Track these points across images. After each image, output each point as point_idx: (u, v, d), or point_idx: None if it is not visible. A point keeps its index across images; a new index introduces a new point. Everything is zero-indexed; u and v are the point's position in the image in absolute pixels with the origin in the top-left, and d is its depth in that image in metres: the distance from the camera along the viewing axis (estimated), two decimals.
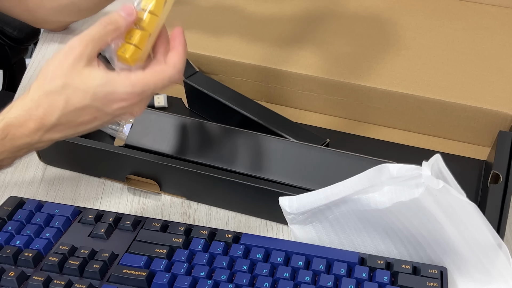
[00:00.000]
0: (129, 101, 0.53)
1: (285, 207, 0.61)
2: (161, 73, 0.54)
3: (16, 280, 0.57)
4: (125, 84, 0.53)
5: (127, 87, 0.53)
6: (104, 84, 0.52)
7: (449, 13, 0.86)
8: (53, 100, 0.52)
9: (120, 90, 0.53)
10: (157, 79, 0.54)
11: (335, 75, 0.77)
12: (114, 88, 0.52)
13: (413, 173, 0.52)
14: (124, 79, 0.53)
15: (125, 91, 0.53)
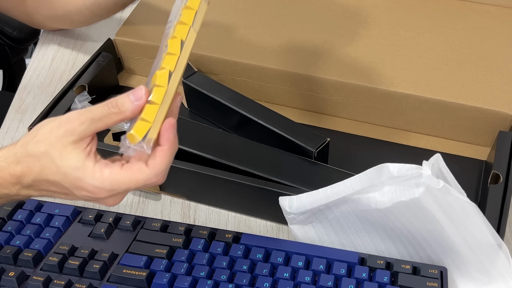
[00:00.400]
0: (96, 195, 0.51)
1: (285, 207, 0.61)
2: (137, 174, 0.50)
3: (16, 280, 0.57)
4: (95, 177, 0.50)
5: (95, 181, 0.50)
6: (76, 169, 0.50)
7: (449, 13, 0.86)
8: (32, 162, 0.51)
9: (88, 181, 0.50)
10: (131, 180, 0.50)
11: (335, 75, 0.77)
12: (83, 176, 0.50)
13: (413, 173, 0.52)
14: (96, 172, 0.50)
15: (92, 183, 0.50)
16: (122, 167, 0.50)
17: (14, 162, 0.52)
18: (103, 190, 0.50)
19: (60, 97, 0.76)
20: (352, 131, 0.79)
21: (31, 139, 0.51)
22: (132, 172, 0.50)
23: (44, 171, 0.51)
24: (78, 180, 0.50)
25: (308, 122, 0.80)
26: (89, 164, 0.50)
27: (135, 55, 0.86)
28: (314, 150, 0.68)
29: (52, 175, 0.51)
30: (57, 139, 0.50)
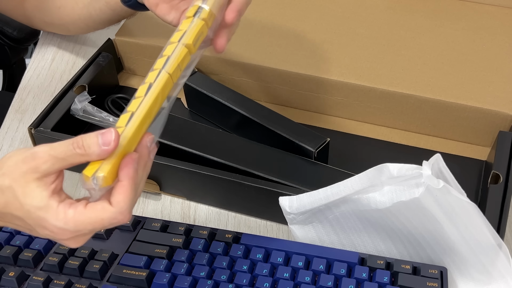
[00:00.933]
0: (59, 236, 0.49)
1: (285, 207, 0.61)
2: (101, 213, 0.48)
3: (16, 280, 0.57)
4: (58, 218, 0.48)
5: (59, 222, 0.48)
6: (39, 208, 0.48)
7: (449, 13, 0.86)
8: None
9: (51, 222, 0.48)
10: (95, 220, 0.48)
11: (335, 75, 0.77)
12: (46, 217, 0.48)
13: (413, 173, 0.52)
14: (59, 213, 0.48)
15: (55, 225, 0.48)
16: (86, 207, 0.49)
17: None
18: (66, 231, 0.49)
19: (60, 97, 0.76)
20: (352, 131, 0.79)
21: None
22: (96, 212, 0.48)
23: (8, 205, 0.50)
24: (41, 219, 0.49)
25: (308, 122, 0.80)
26: (52, 204, 0.49)
27: (135, 55, 0.86)
28: (314, 150, 0.68)
29: (16, 210, 0.50)
30: (21, 175, 0.49)
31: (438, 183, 0.52)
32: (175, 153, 0.70)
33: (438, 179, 0.52)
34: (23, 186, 0.49)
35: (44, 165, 0.48)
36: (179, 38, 0.55)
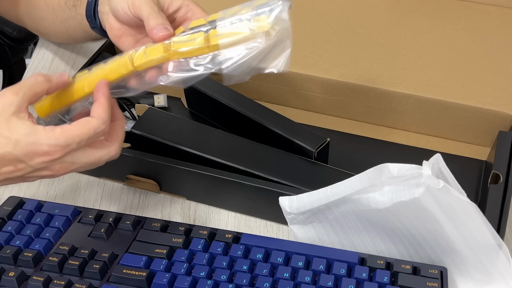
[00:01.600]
0: (52, 155, 0.53)
1: (285, 207, 0.61)
2: (86, 124, 0.54)
3: (16, 280, 0.57)
4: (49, 136, 0.52)
5: (50, 139, 0.52)
6: (28, 134, 0.52)
7: (449, 13, 0.86)
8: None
9: (43, 141, 0.52)
10: (82, 131, 0.53)
11: (335, 75, 0.77)
12: (37, 139, 0.52)
13: (413, 173, 0.52)
14: (48, 131, 0.53)
15: (47, 142, 0.52)
16: (71, 124, 0.54)
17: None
18: (59, 147, 0.53)
19: None
20: (352, 131, 0.79)
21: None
22: (81, 124, 0.54)
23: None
24: (32, 144, 0.52)
25: (308, 122, 0.80)
26: (39, 128, 0.53)
27: None
28: (314, 150, 0.68)
29: (2, 147, 0.52)
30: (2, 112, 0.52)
31: (438, 183, 0.52)
32: (175, 153, 0.70)
33: (438, 179, 0.52)
34: (5, 123, 0.52)
35: (16, 97, 0.53)
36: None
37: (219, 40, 0.54)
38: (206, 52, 0.55)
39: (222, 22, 0.55)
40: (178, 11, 0.63)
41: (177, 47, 0.56)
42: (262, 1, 0.55)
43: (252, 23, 0.54)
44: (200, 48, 0.55)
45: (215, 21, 0.56)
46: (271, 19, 0.54)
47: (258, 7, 0.55)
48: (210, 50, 0.55)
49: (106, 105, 0.55)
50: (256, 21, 0.54)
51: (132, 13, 0.61)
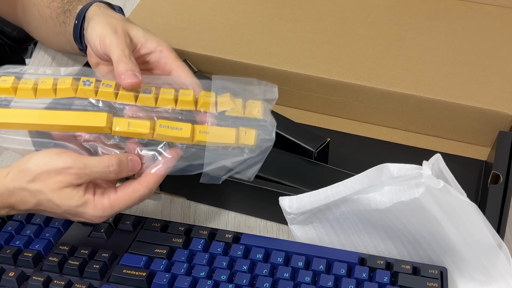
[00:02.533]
0: (97, 220, 0.56)
1: (285, 207, 0.61)
2: (133, 194, 0.55)
3: (16, 280, 0.57)
4: (97, 209, 0.55)
5: (97, 211, 0.55)
6: (78, 206, 0.54)
7: (449, 13, 0.86)
8: (27, 196, 0.54)
9: (90, 213, 0.55)
10: (129, 202, 0.55)
11: (335, 75, 0.77)
12: (86, 211, 0.55)
13: (413, 173, 0.52)
14: (97, 204, 0.55)
15: (95, 215, 0.55)
16: (117, 191, 0.55)
17: (6, 194, 0.55)
18: (104, 217, 0.56)
19: None
20: (352, 131, 0.79)
21: (25, 176, 0.54)
22: (128, 194, 0.55)
23: (41, 205, 0.55)
24: (80, 213, 0.55)
25: (308, 122, 0.80)
26: (89, 199, 0.55)
27: None
28: (314, 150, 0.68)
29: (51, 209, 0.55)
30: (54, 183, 0.53)
31: (438, 183, 0.52)
32: None
33: (438, 179, 0.52)
34: (57, 192, 0.54)
35: (77, 180, 0.54)
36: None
37: (206, 139, 0.56)
38: (190, 143, 0.57)
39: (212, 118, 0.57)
40: (151, 54, 0.62)
41: (162, 131, 0.56)
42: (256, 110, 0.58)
43: (240, 133, 0.57)
44: (185, 138, 0.56)
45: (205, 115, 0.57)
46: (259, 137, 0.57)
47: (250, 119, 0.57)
48: (194, 143, 0.57)
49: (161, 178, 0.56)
50: (244, 132, 0.57)
51: (102, 50, 0.60)
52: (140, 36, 0.62)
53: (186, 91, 0.58)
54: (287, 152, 0.69)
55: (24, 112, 0.56)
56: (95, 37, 0.61)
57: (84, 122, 0.56)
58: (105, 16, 0.63)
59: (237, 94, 0.59)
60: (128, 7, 0.99)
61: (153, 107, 0.57)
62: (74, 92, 0.57)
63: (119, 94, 0.57)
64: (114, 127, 0.56)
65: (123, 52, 0.58)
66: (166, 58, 0.62)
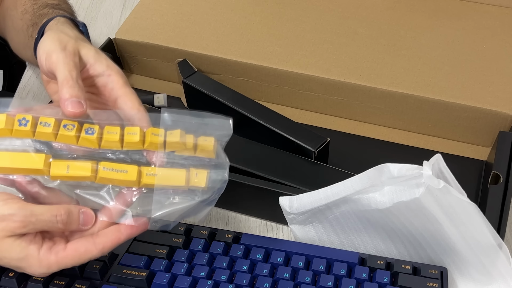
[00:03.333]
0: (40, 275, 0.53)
1: (285, 207, 0.61)
2: (84, 255, 0.51)
3: (16, 280, 0.57)
4: (41, 265, 0.50)
5: (42, 268, 0.51)
6: (20, 260, 0.50)
7: (449, 13, 0.86)
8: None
9: (34, 269, 0.51)
10: (76, 260, 0.51)
11: (335, 75, 0.77)
12: (29, 265, 0.51)
13: (413, 173, 0.52)
14: (42, 260, 0.50)
15: (39, 271, 0.51)
16: (67, 249, 0.51)
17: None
18: (48, 273, 0.52)
19: None
20: (352, 131, 0.79)
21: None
22: (79, 254, 0.51)
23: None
24: (22, 268, 0.51)
25: (308, 122, 0.80)
26: (33, 253, 0.50)
27: (135, 55, 0.86)
28: (314, 150, 0.68)
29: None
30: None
31: (438, 183, 0.52)
32: None
33: (439, 179, 0.52)
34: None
35: (20, 230, 0.49)
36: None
37: (154, 182, 0.53)
38: (137, 186, 0.53)
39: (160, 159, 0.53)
40: (98, 78, 0.57)
41: (106, 175, 0.52)
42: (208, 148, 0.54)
43: (191, 174, 0.53)
44: (131, 182, 0.53)
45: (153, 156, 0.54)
46: (211, 178, 0.54)
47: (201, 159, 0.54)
48: (140, 186, 0.53)
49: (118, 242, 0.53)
50: (195, 173, 0.54)
51: (47, 67, 0.56)
52: (90, 56, 0.57)
53: (132, 129, 0.54)
54: (287, 152, 0.69)
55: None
56: (42, 53, 0.56)
57: (20, 164, 0.52)
58: (58, 32, 0.59)
59: (188, 129, 0.55)
60: (128, 6, 0.99)
61: (97, 148, 0.53)
62: (10, 133, 0.52)
63: (58, 135, 0.52)
64: (53, 170, 0.52)
65: (69, 73, 0.54)
66: (114, 84, 0.57)
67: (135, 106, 0.56)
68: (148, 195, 0.53)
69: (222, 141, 0.56)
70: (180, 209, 0.54)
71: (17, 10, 0.73)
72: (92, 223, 0.53)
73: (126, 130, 0.54)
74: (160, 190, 0.53)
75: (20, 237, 0.50)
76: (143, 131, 0.54)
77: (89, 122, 0.54)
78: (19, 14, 0.72)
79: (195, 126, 0.55)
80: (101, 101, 0.59)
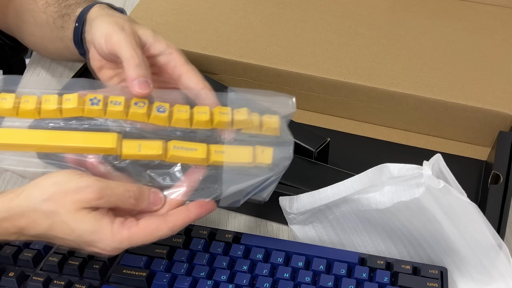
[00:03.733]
0: (111, 252, 0.51)
1: (285, 207, 0.61)
2: (155, 233, 0.51)
3: (16, 280, 0.57)
4: (114, 239, 0.50)
5: (114, 242, 0.50)
6: (93, 232, 0.50)
7: (449, 13, 0.86)
8: (39, 218, 0.50)
9: (105, 243, 0.50)
10: (149, 238, 0.51)
11: (335, 75, 0.77)
12: (101, 239, 0.50)
13: (413, 173, 0.52)
14: (114, 234, 0.50)
15: (110, 245, 0.50)
16: (139, 225, 0.51)
17: (17, 214, 0.50)
18: (119, 250, 0.51)
19: None
20: (352, 131, 0.79)
21: (40, 194, 0.50)
22: (149, 231, 0.51)
23: (54, 229, 0.50)
24: (94, 242, 0.50)
25: (308, 122, 0.80)
26: (106, 226, 0.50)
27: None
28: (314, 150, 0.68)
29: (64, 234, 0.50)
30: (71, 203, 0.49)
31: (438, 183, 0.52)
32: None
33: (439, 179, 0.52)
34: (73, 213, 0.49)
35: (96, 201, 0.49)
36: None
37: (222, 159, 0.54)
38: (205, 164, 0.54)
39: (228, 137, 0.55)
40: (159, 57, 0.58)
41: (176, 153, 0.53)
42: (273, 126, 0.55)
43: (257, 151, 0.54)
44: (201, 159, 0.53)
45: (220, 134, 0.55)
46: (276, 155, 0.55)
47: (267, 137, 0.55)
48: (209, 164, 0.54)
49: (189, 222, 0.52)
50: (261, 150, 0.54)
51: (108, 49, 0.57)
52: (149, 36, 0.58)
53: (202, 108, 0.55)
54: None
55: (29, 133, 0.53)
56: (100, 36, 0.57)
57: (92, 143, 0.52)
58: (110, 16, 0.60)
59: (253, 108, 0.56)
60: (128, 6, 0.99)
61: (166, 126, 0.54)
62: (82, 112, 0.53)
63: (130, 113, 0.53)
64: (124, 149, 0.52)
65: (134, 51, 0.55)
66: (176, 61, 0.58)
67: (200, 82, 0.57)
68: (216, 172, 0.54)
69: (286, 119, 0.57)
70: (247, 187, 0.54)
71: (37, 4, 0.74)
72: (161, 203, 0.53)
73: (195, 109, 0.55)
74: (228, 168, 0.54)
75: (94, 210, 0.50)
76: (212, 110, 0.55)
77: (160, 100, 0.55)
78: (40, 7, 0.73)
79: (260, 105, 0.56)
80: (162, 80, 0.60)
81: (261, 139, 0.55)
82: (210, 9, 0.87)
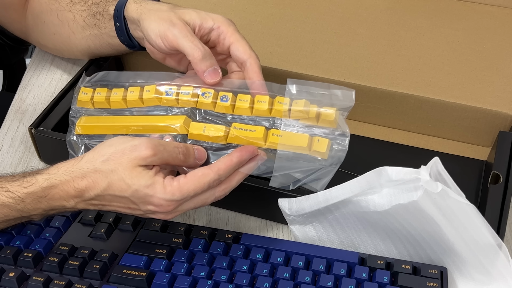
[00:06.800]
0: (165, 208, 0.54)
1: (285, 209, 0.61)
2: (202, 178, 0.54)
3: (16, 280, 0.57)
4: (166, 191, 0.54)
5: (167, 194, 0.54)
6: (147, 186, 0.53)
7: (449, 13, 0.86)
8: (98, 178, 0.54)
9: (159, 196, 0.54)
10: (198, 185, 0.54)
11: (335, 75, 0.77)
12: (155, 192, 0.54)
13: (411, 178, 0.52)
14: (166, 186, 0.54)
15: (164, 197, 0.54)
16: (187, 176, 0.55)
17: (79, 177, 0.54)
18: (173, 201, 0.54)
19: (60, 97, 0.76)
20: (352, 131, 0.78)
21: (99, 157, 0.55)
22: (197, 177, 0.54)
23: (111, 187, 0.54)
24: (148, 196, 0.54)
25: None
26: (158, 180, 0.54)
27: (135, 55, 0.86)
28: None
29: (121, 191, 0.54)
30: (128, 161, 0.54)
31: (436, 186, 0.52)
32: None
33: (437, 183, 0.52)
34: (130, 170, 0.54)
35: (150, 158, 0.54)
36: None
37: (278, 141, 0.57)
38: (263, 145, 0.58)
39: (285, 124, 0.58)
40: (210, 33, 0.63)
41: (236, 133, 0.59)
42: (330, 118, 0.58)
43: (313, 140, 0.57)
44: (258, 139, 0.58)
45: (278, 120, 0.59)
46: (331, 147, 0.57)
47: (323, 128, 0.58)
48: (266, 145, 0.58)
49: (232, 166, 0.56)
50: (317, 140, 0.57)
51: (168, 47, 0.61)
52: (194, 18, 0.63)
53: (262, 98, 0.60)
54: None
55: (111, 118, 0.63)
56: (155, 37, 0.62)
57: (163, 123, 0.60)
58: (154, 12, 0.64)
59: (312, 99, 0.59)
60: None
61: (229, 113, 0.61)
62: (159, 101, 0.62)
63: (198, 102, 0.61)
64: (191, 129, 0.60)
65: (193, 43, 0.60)
66: (224, 33, 0.63)
67: (247, 51, 0.62)
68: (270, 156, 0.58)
69: (344, 112, 0.59)
70: (299, 171, 0.58)
71: (60, 3, 0.75)
72: (205, 158, 0.58)
73: (256, 98, 0.61)
74: (282, 151, 0.57)
75: (148, 167, 0.54)
76: (271, 100, 0.60)
77: (224, 90, 0.61)
78: (64, 6, 0.75)
79: (319, 96, 0.59)
80: (217, 52, 0.65)
81: (317, 130, 0.58)
82: (210, 9, 0.87)
